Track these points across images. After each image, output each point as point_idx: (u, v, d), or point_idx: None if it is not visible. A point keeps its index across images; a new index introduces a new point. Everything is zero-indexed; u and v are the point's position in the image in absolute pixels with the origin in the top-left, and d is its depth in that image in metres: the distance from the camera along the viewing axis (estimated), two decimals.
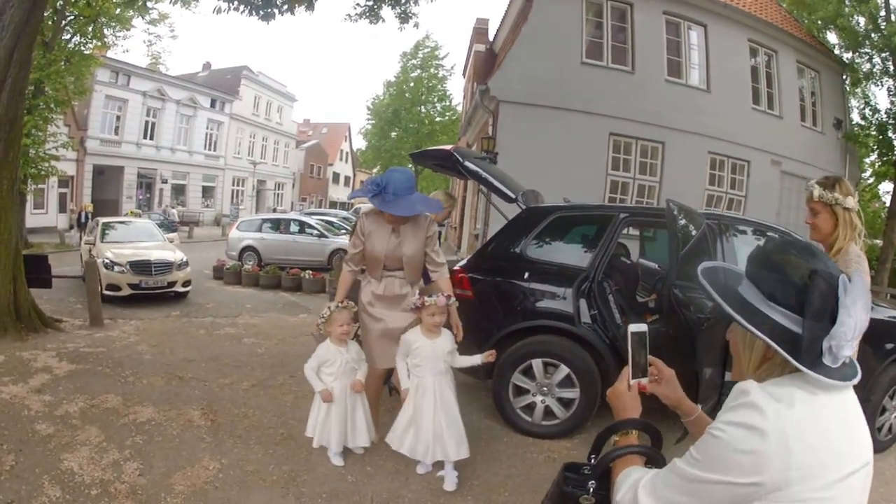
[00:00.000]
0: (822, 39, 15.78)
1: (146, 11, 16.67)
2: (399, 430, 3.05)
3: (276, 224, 14.51)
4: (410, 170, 3.34)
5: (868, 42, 14.68)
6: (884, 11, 14.26)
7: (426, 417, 2.99)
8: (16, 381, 4.30)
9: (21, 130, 6.30)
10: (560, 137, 11.12)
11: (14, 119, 5.77)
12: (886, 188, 19.74)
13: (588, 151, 11.47)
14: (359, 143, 46.43)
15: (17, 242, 6.19)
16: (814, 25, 15.57)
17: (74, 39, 16.16)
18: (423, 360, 3.02)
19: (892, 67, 14.49)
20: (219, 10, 8.06)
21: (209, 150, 32.48)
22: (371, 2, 8.74)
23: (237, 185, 35.34)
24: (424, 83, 31.80)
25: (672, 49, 12.35)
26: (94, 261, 7.92)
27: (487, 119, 12.74)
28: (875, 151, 15.76)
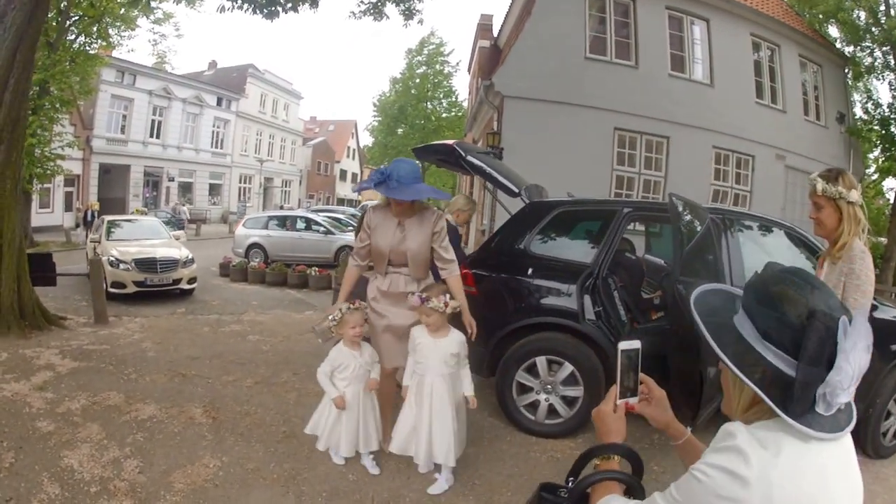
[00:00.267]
0: (824, 33, 15.68)
1: (150, 11, 16.66)
2: (402, 434, 3.00)
3: (283, 221, 14.54)
4: (417, 164, 3.26)
5: (869, 36, 14.55)
6: (884, 6, 14.11)
7: (419, 418, 2.94)
8: (18, 379, 4.30)
9: (24, 131, 6.32)
10: (565, 132, 11.09)
11: (17, 120, 5.79)
12: (891, 185, 19.55)
13: (593, 146, 11.43)
14: (366, 140, 46.44)
15: (22, 241, 6.21)
16: (815, 19, 15.48)
17: (79, 40, 16.25)
18: (424, 359, 2.96)
19: (894, 61, 14.33)
20: (223, 9, 8.08)
21: (216, 148, 32.58)
22: None
23: (244, 183, 35.44)
24: (430, 80, 31.72)
25: (675, 44, 12.31)
26: (99, 258, 7.94)
27: (492, 115, 12.70)
28: (878, 146, 15.58)
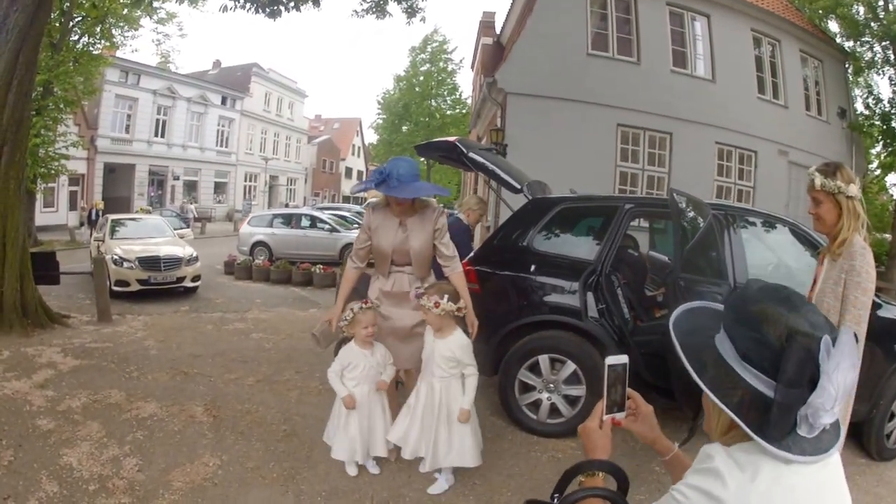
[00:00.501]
0: (824, 28, 15.58)
1: (153, 11, 16.75)
2: (396, 427, 2.97)
3: (288, 219, 14.53)
4: (415, 161, 3.23)
5: (868, 31, 14.47)
6: (882, 1, 14.02)
7: (413, 416, 2.91)
8: (19, 377, 4.30)
9: (28, 131, 6.34)
10: (568, 129, 11.07)
11: (21, 120, 5.80)
12: (894, 180, 19.36)
13: (597, 142, 11.41)
14: (370, 138, 46.51)
15: (25, 241, 6.23)
16: (815, 14, 15.37)
17: (83, 40, 16.33)
18: (426, 358, 2.92)
19: (893, 56, 14.24)
20: (225, 9, 8.08)
21: (221, 147, 32.66)
22: None
23: (249, 181, 35.52)
24: (434, 77, 31.72)
25: (677, 40, 12.29)
26: (103, 257, 7.96)
27: (496, 111, 12.65)
28: (880, 142, 15.51)
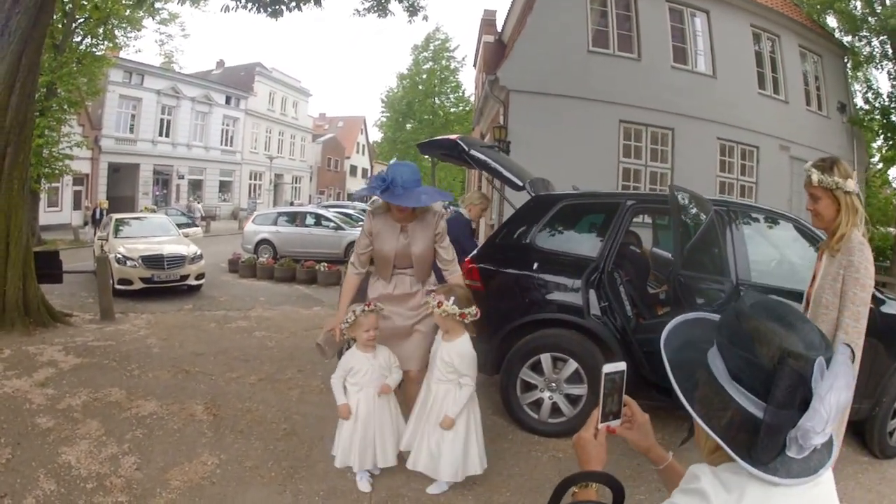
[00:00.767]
0: (822, 23, 15.52)
1: (155, 12, 16.76)
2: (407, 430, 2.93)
3: (292, 217, 14.54)
4: (415, 165, 3.19)
5: (866, 26, 14.39)
6: None
7: (419, 418, 2.87)
8: (20, 375, 4.31)
9: (31, 132, 6.36)
10: (571, 125, 11.06)
11: (24, 121, 5.82)
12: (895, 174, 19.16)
13: (599, 139, 11.39)
14: (375, 136, 46.55)
15: (29, 240, 6.25)
16: (813, 10, 15.32)
17: (86, 41, 16.34)
18: (431, 357, 2.87)
19: (892, 51, 14.14)
20: (227, 9, 8.07)
21: (225, 146, 32.74)
22: None
23: (254, 180, 35.60)
24: (437, 75, 31.71)
25: (677, 36, 12.28)
26: (106, 255, 7.97)
27: (498, 109, 12.64)
28: (881, 136, 15.38)
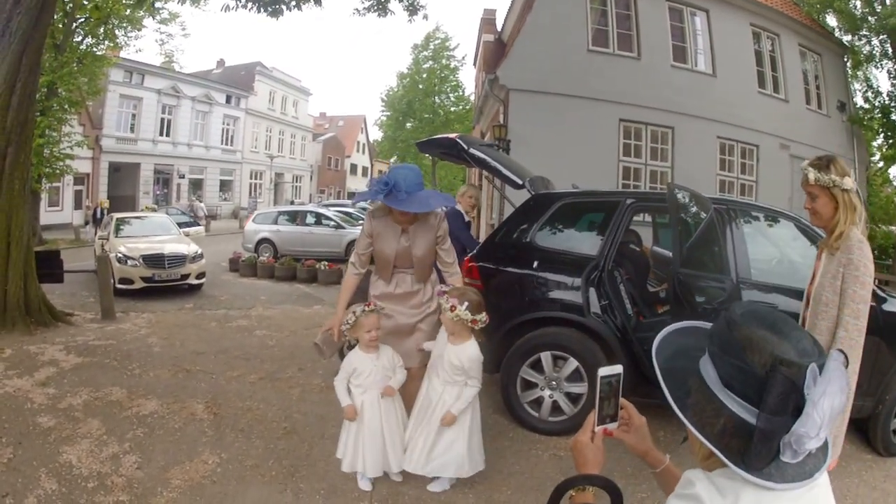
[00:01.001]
0: (822, 22, 15.54)
1: (155, 12, 16.75)
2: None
3: (293, 216, 14.55)
4: (417, 168, 3.16)
5: (866, 25, 14.43)
6: None
7: (419, 418, 2.85)
8: (21, 375, 4.31)
9: (32, 132, 6.37)
10: (571, 124, 11.06)
11: (25, 121, 5.82)
12: None
13: (599, 138, 11.39)
14: (375, 135, 46.49)
15: (30, 240, 6.25)
16: (813, 9, 15.35)
17: (86, 41, 16.33)
18: (434, 357, 2.83)
19: (892, 50, 14.18)
20: (227, 8, 8.07)
21: (226, 145, 32.75)
22: None
23: (255, 179, 35.61)
24: (437, 74, 31.65)
25: (676, 35, 12.29)
26: (107, 255, 7.97)
27: (498, 108, 12.64)
28: (881, 134, 15.43)
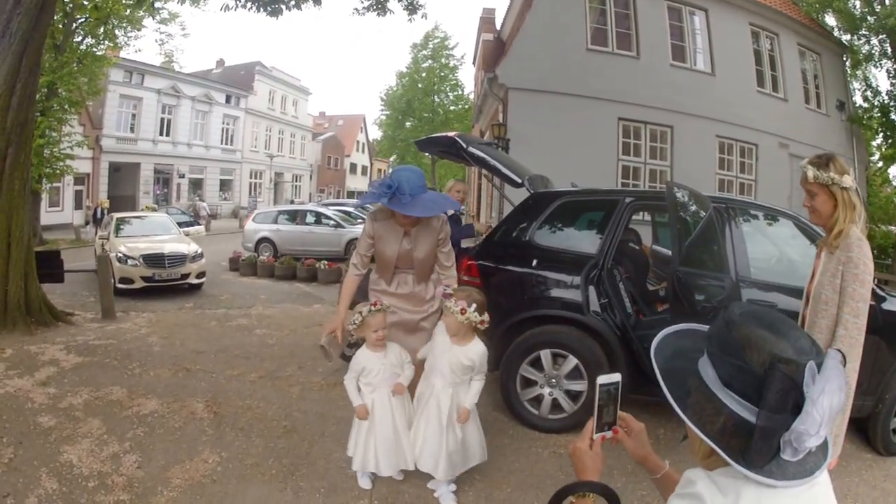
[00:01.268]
0: (821, 22, 15.56)
1: (155, 12, 16.75)
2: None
3: (293, 215, 14.56)
4: (420, 170, 3.13)
5: (865, 25, 14.46)
6: None
7: (417, 420, 2.83)
8: (21, 375, 4.32)
9: (32, 132, 6.37)
10: (570, 123, 11.08)
11: (25, 122, 5.83)
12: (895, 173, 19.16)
13: (598, 136, 11.42)
14: (374, 134, 46.55)
15: (30, 240, 6.25)
16: (812, 8, 15.38)
17: (86, 41, 16.35)
18: (434, 360, 2.80)
19: (891, 49, 14.19)
20: (226, 8, 8.07)
21: (226, 145, 32.76)
22: None
23: (255, 178, 35.61)
24: (436, 73, 31.68)
25: (675, 34, 12.34)
26: (107, 255, 7.98)
27: (497, 106, 12.66)
28: (880, 134, 15.45)
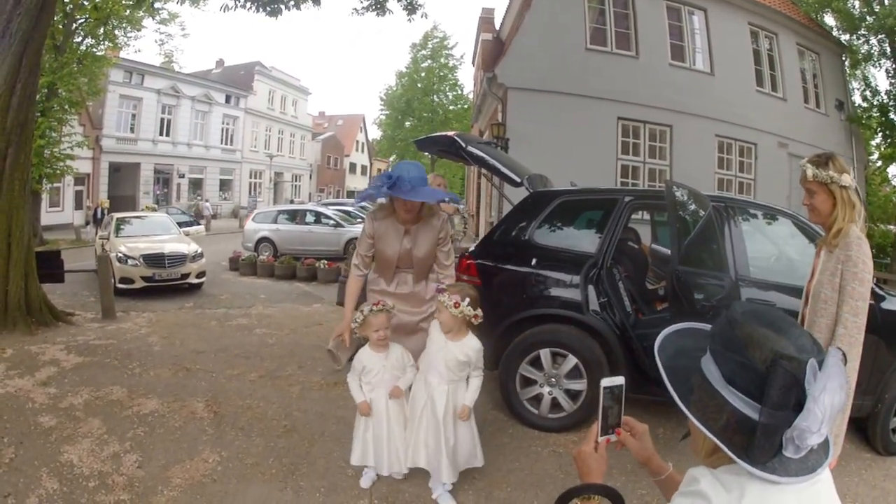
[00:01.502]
0: (820, 22, 15.58)
1: (155, 12, 16.75)
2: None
3: (292, 215, 14.56)
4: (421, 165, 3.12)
5: (864, 24, 14.47)
6: None
7: (411, 418, 2.81)
8: (22, 375, 4.32)
9: (32, 133, 6.38)
10: (569, 122, 11.10)
11: (25, 122, 5.83)
12: (895, 172, 19.16)
13: (598, 136, 11.44)
14: (374, 134, 46.55)
15: (30, 240, 6.26)
16: (811, 8, 15.39)
17: (86, 42, 16.36)
18: (429, 357, 2.81)
19: (889, 49, 14.19)
20: (226, 8, 8.06)
21: (226, 145, 32.77)
22: None
23: (255, 178, 35.61)
24: (435, 73, 31.72)
25: (675, 34, 12.36)
26: (107, 255, 7.98)
27: (497, 106, 12.67)
28: (879, 133, 15.44)
